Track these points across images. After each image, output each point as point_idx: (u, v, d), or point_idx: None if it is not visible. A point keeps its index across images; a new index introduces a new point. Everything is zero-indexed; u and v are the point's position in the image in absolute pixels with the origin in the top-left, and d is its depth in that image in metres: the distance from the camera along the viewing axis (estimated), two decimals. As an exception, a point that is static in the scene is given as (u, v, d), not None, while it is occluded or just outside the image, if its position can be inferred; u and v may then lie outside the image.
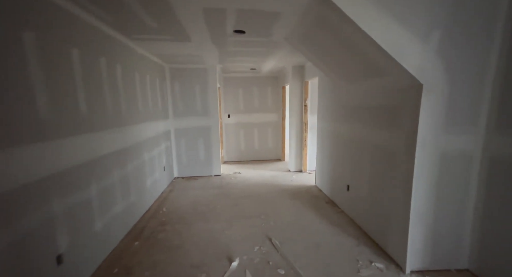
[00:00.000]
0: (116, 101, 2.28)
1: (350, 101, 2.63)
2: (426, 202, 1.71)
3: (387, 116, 1.97)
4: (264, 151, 5.67)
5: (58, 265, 1.46)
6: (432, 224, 1.74)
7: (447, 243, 1.77)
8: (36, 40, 1.36)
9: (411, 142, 1.68)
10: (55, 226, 1.46)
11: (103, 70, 2.06)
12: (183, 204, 3.18)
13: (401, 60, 1.51)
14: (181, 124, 4.27)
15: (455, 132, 1.64)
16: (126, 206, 2.41)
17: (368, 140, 2.29)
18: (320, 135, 3.59)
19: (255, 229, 2.49)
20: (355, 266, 1.88)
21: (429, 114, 1.60)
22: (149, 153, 3.12)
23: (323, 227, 2.51)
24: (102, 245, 1.99)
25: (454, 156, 1.67)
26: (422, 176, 1.68)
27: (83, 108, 1.77)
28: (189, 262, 1.98)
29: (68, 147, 1.59)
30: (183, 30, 2.32)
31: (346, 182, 2.75)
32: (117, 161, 2.26)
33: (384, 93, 2.01)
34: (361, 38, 1.60)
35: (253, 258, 2.00)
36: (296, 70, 4.38)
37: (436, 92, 1.58)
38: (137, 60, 2.86)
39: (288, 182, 4.03)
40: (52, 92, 1.47)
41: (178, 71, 4.13)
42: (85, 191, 1.76)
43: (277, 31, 2.36)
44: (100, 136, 1.97)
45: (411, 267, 1.78)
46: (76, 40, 1.71)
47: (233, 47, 2.99)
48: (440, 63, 1.54)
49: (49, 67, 1.45)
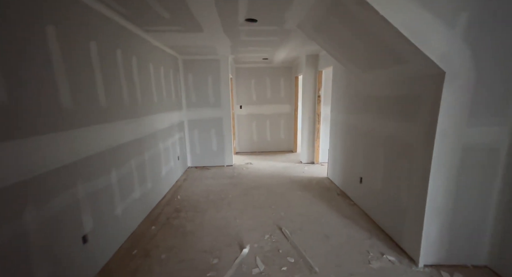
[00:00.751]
0: (132, 92, 2.35)
1: (365, 91, 2.53)
2: (444, 195, 1.65)
3: (404, 106, 1.88)
4: (276, 142, 5.66)
5: (84, 244, 1.59)
6: (450, 218, 1.68)
7: (465, 238, 1.71)
8: (57, 33, 1.42)
9: (430, 134, 1.60)
10: (80, 208, 1.58)
11: (120, 62, 2.13)
12: (196, 193, 3.29)
13: (423, 46, 1.42)
14: (194, 115, 4.35)
15: (481, 124, 1.53)
16: (143, 193, 2.54)
17: (383, 131, 2.21)
18: (333, 126, 3.52)
19: (265, 219, 2.54)
20: (366, 257, 1.88)
21: (451, 104, 1.51)
22: (164, 143, 3.22)
23: (334, 219, 2.51)
24: (123, 228, 2.12)
25: (478, 149, 1.57)
26: (441, 169, 1.61)
27: (102, 99, 1.85)
28: (201, 248, 2.07)
29: (89, 136, 1.68)
30: (195, 21, 2.31)
31: (359, 174, 2.70)
32: (134, 150, 2.37)
33: (401, 82, 1.91)
34: (379, 24, 1.51)
35: (263, 246, 2.05)
36: (310, 59, 4.26)
37: (461, 80, 1.48)
38: (152, 51, 2.91)
39: (299, 174, 4.02)
40: (73, 83, 1.54)
41: (191, 62, 4.16)
42: (106, 177, 1.87)
43: (290, 19, 2.28)
44: (118, 126, 2.06)
45: (425, 261, 1.75)
46: (93, 33, 1.77)
47: (245, 37, 2.95)
48: (467, 49, 1.43)
49: (70, 60, 1.52)
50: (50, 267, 1.33)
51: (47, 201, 1.32)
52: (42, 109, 1.31)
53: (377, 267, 1.76)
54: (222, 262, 1.86)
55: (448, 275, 1.66)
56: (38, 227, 1.26)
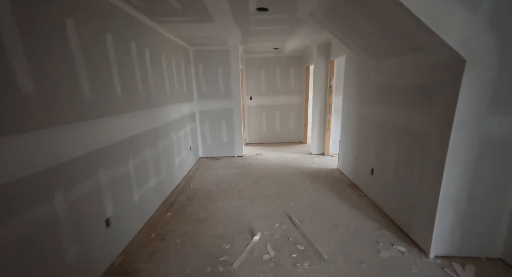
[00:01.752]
0: (146, 84, 2.41)
1: (378, 80, 2.46)
2: (459, 187, 1.62)
3: (420, 96, 1.82)
4: (286, 133, 5.65)
5: (107, 227, 1.71)
6: (464, 209, 1.66)
7: (479, 231, 1.68)
8: (76, 26, 1.47)
9: (447, 124, 1.56)
10: (102, 194, 1.68)
11: (134, 54, 2.17)
12: (208, 182, 3.39)
13: (442, 33, 1.35)
14: (205, 106, 4.40)
15: (501, 114, 1.47)
16: (158, 181, 2.65)
17: (397, 122, 2.16)
18: (345, 117, 3.46)
19: (275, 208, 2.60)
20: (375, 247, 1.90)
21: (470, 93, 1.45)
22: (176, 133, 3.31)
23: (343, 209, 2.53)
24: (140, 214, 2.25)
25: (497, 140, 1.52)
26: (456, 160, 1.57)
27: (118, 90, 1.91)
28: (214, 234, 2.16)
29: (107, 126, 1.76)
30: (206, 10, 2.30)
31: (371, 165, 2.68)
32: (149, 140, 2.46)
33: (417, 70, 1.85)
34: (396, 9, 1.45)
35: (274, 234, 2.12)
36: (322, 49, 4.14)
37: (482, 68, 1.41)
38: (164, 43, 2.94)
39: (309, 165, 4.03)
40: (93, 76, 1.61)
41: (202, 53, 4.17)
42: (124, 166, 1.97)
43: (302, 6, 2.22)
44: (133, 117, 2.13)
45: (436, 252, 1.75)
46: (109, 25, 1.81)
47: (256, 26, 2.91)
48: (490, 34, 1.35)
49: (89, 53, 1.57)
50: (78, 246, 1.45)
51: (74, 186, 1.42)
52: (66, 100, 1.39)
53: (386, 257, 1.78)
54: (234, 248, 1.94)
55: (460, 267, 1.65)
56: (66, 209, 1.37)
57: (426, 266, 1.69)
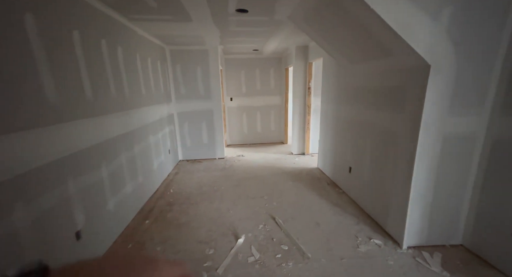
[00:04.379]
0: (119, 84, 2.27)
1: (354, 82, 2.59)
2: (427, 182, 1.76)
3: (391, 97, 1.95)
4: (267, 134, 5.70)
5: (77, 240, 1.58)
6: (431, 202, 1.80)
7: (443, 221, 1.85)
8: (36, 22, 1.34)
9: (415, 124, 1.69)
10: (72, 204, 1.55)
11: (105, 53, 2.04)
12: (188, 186, 3.29)
13: (410, 40, 1.46)
14: (184, 108, 4.27)
15: (460, 114, 1.63)
16: (135, 187, 2.51)
17: (371, 122, 2.29)
18: (323, 118, 3.58)
19: (258, 209, 2.60)
20: (354, 242, 1.99)
21: (435, 96, 1.59)
22: (154, 136, 3.17)
23: (324, 207, 2.61)
24: (116, 223, 2.11)
25: (457, 138, 1.68)
26: (424, 157, 1.71)
27: (88, 92, 1.78)
28: (197, 239, 2.10)
29: (77, 130, 1.63)
30: (183, 10, 2.23)
31: (348, 164, 2.80)
32: (124, 144, 2.32)
33: (389, 74, 1.97)
34: (368, 16, 1.53)
35: (258, 235, 2.12)
36: (300, 51, 4.25)
37: (444, 72, 1.55)
38: (138, 42, 2.80)
39: (290, 165, 4.10)
40: (58, 76, 1.47)
41: (179, 53, 4.04)
42: (96, 172, 1.83)
43: (280, 9, 2.26)
44: (105, 120, 2.00)
45: (408, 243, 1.88)
46: (75, 22, 1.67)
47: (235, 27, 2.89)
48: (450, 42, 1.49)
49: (52, 51, 1.44)
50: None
51: (37, 198, 1.29)
52: (26, 103, 1.25)
53: (365, 251, 1.87)
54: (218, 252, 1.90)
55: (429, 255, 1.80)
56: (29, 225, 1.23)
57: (400, 256, 1.80)
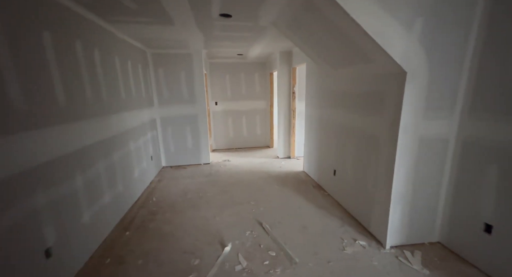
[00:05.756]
0: (96, 89, 2.15)
1: (336, 87, 2.67)
2: (406, 183, 1.83)
3: (372, 102, 2.03)
4: (253, 138, 5.69)
5: (47, 259, 1.44)
6: (410, 203, 1.88)
7: (422, 220, 1.93)
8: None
9: (394, 128, 1.76)
10: (40, 219, 1.42)
11: (80, 55, 1.93)
12: (172, 193, 3.18)
13: (387, 47, 1.53)
14: (167, 112, 4.15)
15: (433, 117, 1.73)
16: (114, 196, 2.37)
17: (354, 126, 2.36)
18: (308, 122, 3.65)
19: (245, 215, 2.56)
20: (340, 244, 2.02)
21: (411, 101, 1.67)
22: (134, 142, 3.03)
23: (310, 210, 2.63)
24: (92, 236, 1.97)
25: (431, 140, 1.78)
26: (403, 159, 1.78)
27: (60, 96, 1.66)
28: (181, 249, 2.02)
29: (47, 138, 1.51)
30: (165, 13, 2.18)
31: (333, 166, 2.86)
32: (102, 151, 2.19)
33: (369, 79, 2.05)
34: (348, 24, 1.59)
35: (245, 242, 2.08)
36: (284, 56, 4.32)
37: (418, 79, 1.64)
38: (117, 44, 2.69)
39: (277, 169, 4.12)
40: (24, 79, 1.36)
41: (161, 57, 3.94)
42: (69, 183, 1.70)
43: (264, 15, 2.28)
44: (81, 126, 1.88)
45: (391, 243, 1.94)
46: (46, 22, 1.57)
47: (219, 32, 2.88)
48: (422, 51, 1.59)
49: (18, 53, 1.33)
50: (7, 287, 1.18)
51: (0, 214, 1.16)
52: (-13, 109, 1.14)
53: (350, 252, 1.90)
54: (204, 262, 1.84)
55: (410, 253, 1.86)
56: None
57: (383, 256, 1.85)
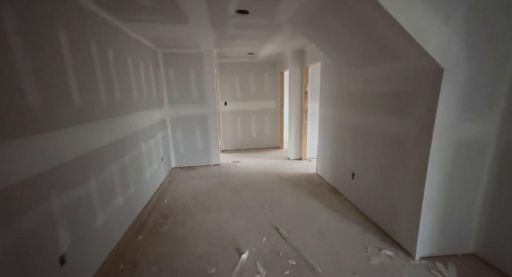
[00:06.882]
0: (110, 89, 2.10)
1: (355, 87, 2.55)
2: (439, 190, 1.70)
3: (398, 103, 1.90)
4: (262, 139, 5.59)
5: (61, 266, 1.38)
6: (443, 211, 1.74)
7: (455, 229, 1.79)
8: (18, 19, 1.17)
9: (426, 130, 1.63)
10: (55, 224, 1.36)
11: (95, 55, 1.87)
12: (183, 195, 3.11)
13: (422, 42, 1.41)
14: (177, 113, 4.10)
15: (472, 119, 1.59)
16: (126, 199, 2.32)
17: (375, 128, 2.24)
18: (322, 122, 3.53)
19: (259, 219, 2.47)
20: (364, 253, 1.90)
21: (447, 100, 1.54)
22: (146, 143, 2.98)
23: (327, 215, 2.52)
24: (105, 241, 1.91)
25: (469, 144, 1.64)
26: (437, 164, 1.65)
27: (76, 97, 1.60)
28: (196, 254, 1.94)
29: (63, 139, 1.45)
30: (180, 10, 2.11)
31: (351, 169, 2.74)
32: (115, 153, 2.13)
33: (396, 78, 1.93)
34: (379, 18, 1.48)
35: (262, 249, 1.98)
36: (296, 55, 4.21)
37: (456, 76, 1.51)
38: (130, 44, 2.64)
39: (288, 170, 4.01)
40: (42, 80, 1.30)
41: (172, 57, 3.89)
42: (84, 186, 1.64)
43: (283, 11, 2.18)
44: (95, 127, 1.82)
45: (421, 254, 1.80)
46: (62, 22, 1.51)
47: (232, 30, 2.79)
48: (462, 45, 1.46)
49: (35, 54, 1.27)
50: (20, 298, 1.12)
51: (13, 219, 1.10)
52: (6, 111, 1.08)
53: (377, 263, 1.78)
54: (221, 270, 1.75)
55: (443, 266, 1.73)
56: (5, 250, 1.04)
57: (414, 269, 1.72)
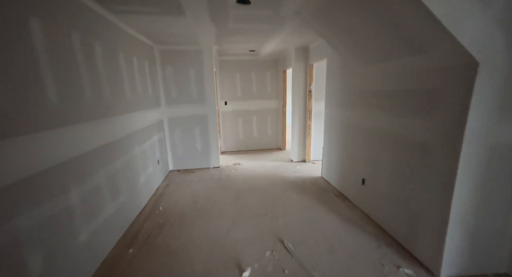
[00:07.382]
0: (97, 87, 1.89)
1: (367, 85, 2.33)
2: (468, 202, 1.49)
3: (420, 102, 1.69)
4: (264, 140, 5.39)
5: (31, 295, 1.18)
6: (472, 225, 1.53)
7: (486, 246, 1.58)
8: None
9: (455, 133, 1.42)
10: (23, 245, 1.16)
11: (77, 48, 1.66)
12: (180, 201, 2.91)
13: (456, 32, 1.20)
14: (174, 113, 3.89)
15: (510, 121, 1.38)
16: (117, 208, 2.11)
17: (390, 130, 2.02)
18: (328, 123, 3.31)
19: (262, 229, 2.26)
20: (381, 272, 1.69)
21: (483, 100, 1.33)
22: (140, 146, 2.78)
23: (336, 224, 2.31)
24: (90, 257, 1.71)
25: (505, 149, 1.42)
26: (467, 172, 1.43)
27: (53, 96, 1.40)
28: (193, 270, 1.74)
29: (34, 146, 1.25)
30: (176, 0, 1.90)
31: (361, 175, 2.53)
32: (103, 158, 1.93)
33: (414, 75, 1.72)
34: (404, 5, 1.27)
35: (266, 266, 1.78)
36: (300, 52, 4.00)
37: (494, 71, 1.30)
38: (122, 39, 2.43)
39: (292, 173, 3.80)
40: (6, 76, 1.10)
41: (170, 53, 3.68)
42: (61, 198, 1.44)
43: (288, 2, 1.97)
44: (78, 130, 1.62)
45: (446, 273, 1.59)
46: (34, 7, 1.31)
47: (233, 23, 2.58)
48: (502, 36, 1.25)
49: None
50: None
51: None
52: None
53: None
54: (220, 292, 1.55)
55: (473, 288, 1.52)
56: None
57: (439, 291, 1.52)
